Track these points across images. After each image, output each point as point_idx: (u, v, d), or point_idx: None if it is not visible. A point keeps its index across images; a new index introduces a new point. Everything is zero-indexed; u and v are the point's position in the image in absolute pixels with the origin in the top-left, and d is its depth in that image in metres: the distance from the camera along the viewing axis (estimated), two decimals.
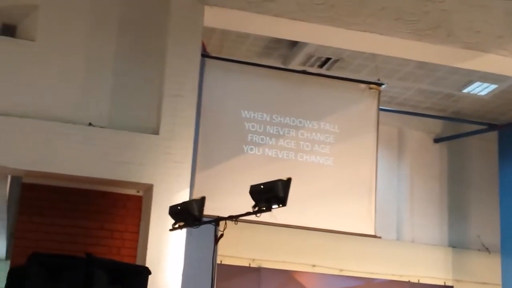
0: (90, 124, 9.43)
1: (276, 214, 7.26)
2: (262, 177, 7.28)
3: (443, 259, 15.31)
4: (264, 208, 6.73)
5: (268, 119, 11.87)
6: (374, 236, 12.46)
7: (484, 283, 15.17)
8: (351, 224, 12.89)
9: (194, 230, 7.70)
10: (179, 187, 9.38)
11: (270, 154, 11.81)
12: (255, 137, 11.71)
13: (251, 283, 13.67)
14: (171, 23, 10.00)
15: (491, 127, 15.12)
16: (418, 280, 14.83)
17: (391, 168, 15.26)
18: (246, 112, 11.70)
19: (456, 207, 15.72)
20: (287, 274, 13.95)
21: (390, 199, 15.13)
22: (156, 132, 9.58)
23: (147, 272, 7.51)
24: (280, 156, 11.93)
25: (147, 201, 9.56)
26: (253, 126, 11.70)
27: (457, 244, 15.54)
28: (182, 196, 9.17)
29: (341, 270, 14.33)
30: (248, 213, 6.88)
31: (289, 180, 6.69)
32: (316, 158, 12.22)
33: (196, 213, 7.29)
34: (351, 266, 14.35)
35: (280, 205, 6.67)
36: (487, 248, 15.44)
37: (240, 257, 13.63)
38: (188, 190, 9.48)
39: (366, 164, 12.50)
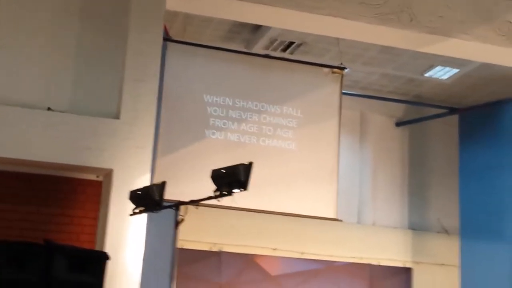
0: (49, 108, 9.33)
1: (237, 198, 7.27)
2: (224, 161, 7.29)
3: (403, 242, 15.45)
4: (226, 193, 6.74)
5: (230, 103, 11.86)
6: (336, 220, 12.57)
7: (443, 265, 15.36)
8: (313, 208, 12.97)
9: (155, 215, 7.69)
10: (140, 172, 9.33)
11: (232, 138, 11.81)
12: (217, 121, 11.71)
13: (212, 268, 13.67)
14: (133, 6, 9.91)
15: (452, 111, 15.27)
16: (378, 263, 14.96)
17: (353, 152, 15.37)
18: (208, 96, 11.68)
19: (416, 190, 15.87)
20: (248, 258, 13.99)
21: (352, 183, 15.23)
22: (117, 116, 9.52)
23: (106, 257, 7.50)
24: (242, 140, 11.94)
25: (107, 186, 9.50)
26: (215, 111, 11.68)
27: (417, 226, 15.70)
28: (143, 181, 9.14)
29: (302, 253, 14.41)
30: (209, 198, 6.88)
31: (250, 164, 6.70)
32: (278, 142, 12.25)
33: (157, 197, 7.29)
34: (312, 249, 14.42)
35: (242, 190, 6.67)
36: (446, 230, 15.62)
37: (201, 242, 13.61)
38: (149, 175, 9.45)
39: (329, 148, 12.56)
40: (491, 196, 14.09)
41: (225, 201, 6.99)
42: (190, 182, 10.71)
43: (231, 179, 6.63)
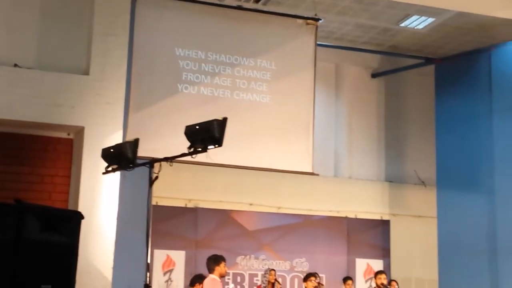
0: (15, 65, 9.17)
1: (212, 154, 7.23)
2: (198, 116, 7.23)
3: (380, 194, 15.59)
4: (200, 149, 6.67)
5: (203, 56, 11.75)
6: (312, 174, 12.61)
7: (420, 216, 15.54)
8: (289, 162, 12.98)
9: (128, 172, 7.63)
10: (112, 129, 9.26)
11: (205, 92, 11.73)
12: (190, 75, 11.60)
13: (188, 224, 13.71)
14: None
15: (428, 61, 15.25)
16: (356, 216, 15.09)
17: (328, 105, 15.36)
18: (180, 50, 11.54)
19: (393, 142, 15.95)
20: (225, 214, 14.04)
21: (328, 136, 15.27)
22: (86, 72, 9.40)
23: (80, 217, 7.45)
24: (216, 94, 11.86)
25: (78, 144, 9.42)
26: (187, 64, 11.56)
27: (394, 178, 15.83)
28: (115, 138, 9.07)
29: (279, 208, 14.49)
30: (183, 155, 6.81)
31: (224, 119, 6.62)
32: (252, 96, 12.19)
33: (130, 155, 7.18)
34: (289, 204, 14.51)
35: (216, 146, 6.61)
36: (423, 182, 15.76)
37: (176, 198, 13.63)
38: (121, 132, 9.38)
39: (304, 101, 12.52)
40: (468, 146, 14.18)
41: (200, 157, 6.94)
42: (164, 138, 10.65)
43: (205, 135, 6.56)
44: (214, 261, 9.03)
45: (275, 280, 12.39)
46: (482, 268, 13.50)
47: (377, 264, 14.80)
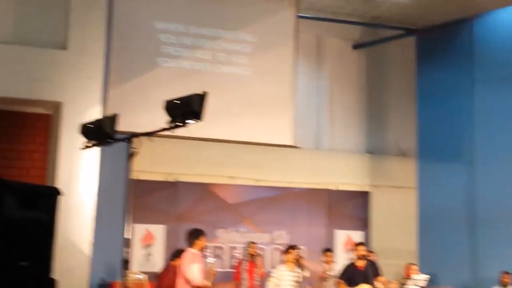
0: None
1: (192, 128, 7.19)
2: (178, 90, 7.18)
3: (361, 166, 15.61)
4: (180, 124, 6.64)
5: (183, 30, 11.65)
6: (293, 147, 12.61)
7: (400, 187, 15.58)
8: (270, 135, 13.01)
9: (107, 148, 7.59)
10: (91, 104, 9.20)
11: (185, 66, 11.66)
12: (170, 49, 11.51)
13: (168, 198, 13.65)
14: None
15: (409, 32, 15.25)
16: (336, 188, 15.09)
17: (310, 77, 15.30)
18: (159, 23, 11.44)
19: (374, 114, 15.95)
20: (205, 187, 13.99)
21: (309, 108, 15.22)
22: (64, 47, 9.29)
23: (58, 193, 7.41)
24: (196, 68, 11.80)
25: (56, 119, 9.34)
26: (167, 38, 11.46)
27: (375, 150, 15.84)
28: (94, 113, 9.01)
29: (259, 181, 14.46)
30: (163, 129, 6.78)
31: (204, 94, 6.59)
32: (233, 69, 12.14)
33: (109, 130, 7.14)
34: (269, 176, 14.48)
35: (196, 120, 6.58)
36: (404, 153, 15.80)
37: (156, 172, 13.54)
38: (100, 107, 9.33)
39: (285, 74, 12.50)
40: (448, 118, 14.25)
41: (180, 131, 6.91)
42: (143, 113, 10.60)
43: (185, 109, 6.53)
44: (194, 235, 9.02)
45: (256, 252, 12.42)
46: (461, 238, 13.65)
47: (357, 236, 14.87)
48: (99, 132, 7.17)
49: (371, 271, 10.05)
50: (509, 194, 13.01)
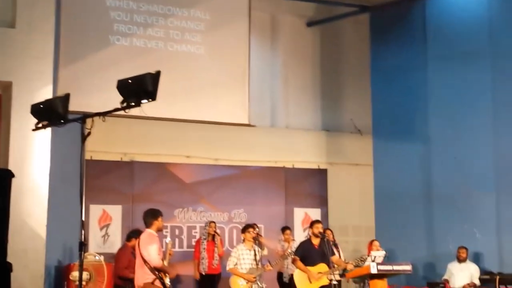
0: None
1: (147, 107, 7.12)
2: (131, 69, 7.10)
3: (317, 143, 15.68)
4: (133, 104, 6.55)
5: (135, 7, 11.51)
6: (248, 125, 12.61)
7: (357, 164, 15.72)
8: (225, 114, 12.97)
9: (60, 128, 7.46)
10: (41, 84, 9.03)
11: (138, 44, 11.53)
12: (122, 26, 11.36)
13: (124, 178, 13.56)
14: None
15: (362, 9, 15.26)
16: (293, 165, 15.16)
17: (264, 55, 15.25)
18: (111, 0, 11.27)
19: (329, 91, 16.01)
20: (161, 167, 13.93)
21: (264, 87, 15.20)
22: (12, 25, 9.09)
23: (10, 175, 7.30)
24: (149, 46, 11.68)
25: (6, 100, 9.17)
26: (119, 15, 11.31)
27: (331, 127, 15.92)
28: (45, 93, 8.86)
29: (216, 160, 14.46)
30: (116, 109, 6.66)
31: (158, 73, 6.50)
32: (187, 47, 12.03)
33: (61, 111, 6.99)
34: (226, 155, 14.49)
35: (150, 100, 6.50)
36: (359, 130, 15.90)
37: (111, 152, 13.43)
38: (51, 86, 9.16)
39: (239, 52, 12.44)
40: (403, 95, 14.33)
41: (134, 111, 6.82)
42: (96, 92, 10.48)
43: (139, 89, 6.42)
44: (151, 215, 8.95)
45: (215, 232, 12.41)
46: (418, 214, 13.80)
47: (315, 213, 14.96)
48: (51, 113, 7.03)
49: (327, 249, 10.11)
50: (464, 170, 13.17)
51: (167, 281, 8.83)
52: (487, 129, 12.95)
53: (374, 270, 9.58)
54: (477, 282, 11.51)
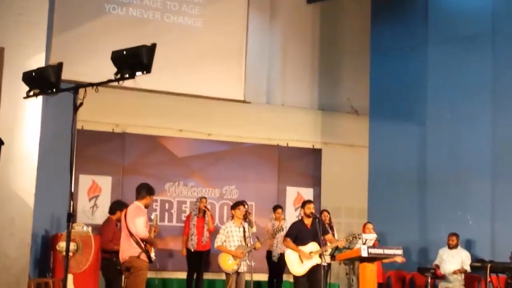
0: None
1: (141, 79, 7.11)
2: (126, 39, 7.13)
3: (313, 122, 15.69)
4: (127, 76, 6.55)
5: None
6: (244, 102, 12.60)
7: (352, 145, 15.74)
8: (221, 89, 12.95)
9: (51, 97, 7.47)
10: (34, 51, 8.97)
11: (134, 14, 11.49)
12: None
13: (115, 149, 13.57)
14: None
15: None
16: (287, 144, 15.18)
17: (262, 30, 15.19)
18: None
19: (327, 70, 15.99)
20: (153, 140, 13.94)
21: (261, 63, 15.17)
22: None
23: (0, 142, 7.31)
24: (145, 16, 11.63)
25: None
26: None
27: (327, 107, 15.92)
28: (38, 61, 8.80)
29: (209, 135, 14.47)
30: (109, 81, 6.65)
31: (153, 45, 6.49)
32: (184, 19, 11.99)
33: (53, 80, 6.98)
34: (219, 131, 14.49)
35: (144, 72, 6.50)
36: (356, 111, 15.91)
37: (103, 122, 13.44)
38: (43, 54, 9.10)
39: (237, 26, 12.41)
40: (402, 76, 14.33)
41: (128, 82, 6.83)
42: (90, 62, 10.46)
43: (133, 61, 6.41)
44: (147, 190, 9.04)
45: (206, 207, 12.45)
46: (411, 199, 13.85)
47: (308, 193, 15.01)
48: (43, 81, 7.02)
49: (320, 229, 10.17)
50: (460, 156, 13.21)
51: (153, 254, 8.91)
52: (486, 115, 12.97)
53: (364, 253, 9.63)
54: (468, 269, 11.59)
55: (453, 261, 11.78)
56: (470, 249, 12.41)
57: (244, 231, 10.71)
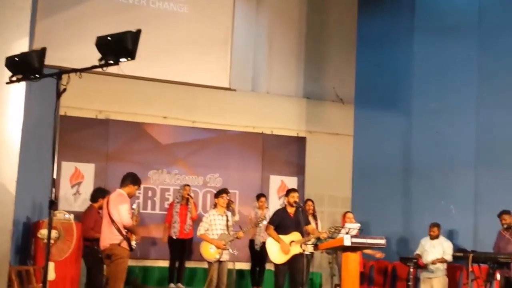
0: None
1: (125, 66, 7.09)
2: (111, 25, 7.09)
3: (298, 110, 15.71)
4: (112, 62, 6.54)
5: None
6: (229, 89, 12.58)
7: (337, 134, 15.77)
8: (206, 76, 12.93)
9: (34, 83, 7.43)
10: (17, 36, 8.89)
11: None
12: None
13: (98, 136, 13.54)
14: None
15: None
16: (272, 132, 15.20)
17: (249, 17, 15.17)
18: None
19: (313, 58, 16.00)
20: (137, 126, 13.91)
21: (247, 50, 15.16)
22: None
23: None
24: (130, 2, 11.59)
25: None
26: None
27: (312, 95, 15.94)
28: (21, 46, 8.73)
29: (193, 122, 14.46)
30: (93, 67, 6.63)
31: (138, 31, 6.47)
32: (169, 5, 11.95)
33: (36, 65, 6.97)
34: (204, 118, 14.49)
35: (129, 58, 6.49)
36: (341, 99, 15.94)
37: (86, 109, 13.41)
38: (27, 39, 9.04)
39: (223, 13, 12.38)
40: (387, 66, 14.35)
41: (112, 68, 6.81)
42: (74, 47, 10.41)
43: (118, 47, 6.40)
44: (133, 179, 9.01)
45: (189, 195, 12.45)
46: (394, 188, 13.90)
47: (291, 181, 15.04)
48: (26, 67, 7.00)
49: (302, 218, 10.20)
50: (445, 146, 13.25)
51: (133, 243, 8.90)
52: (471, 106, 13.02)
53: (347, 243, 9.66)
54: (449, 259, 11.65)
55: (435, 251, 11.83)
56: (452, 239, 12.47)
57: (227, 220, 10.72)
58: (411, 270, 11.67)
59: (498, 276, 10.84)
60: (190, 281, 12.87)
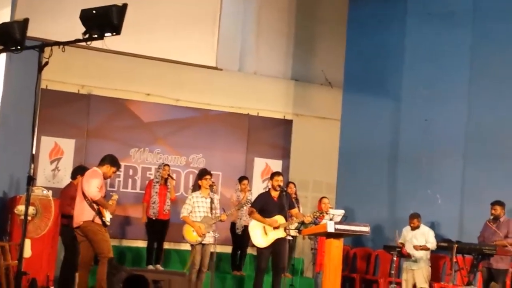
0: None
1: (109, 40, 7.09)
2: None
3: (285, 93, 15.72)
4: (96, 36, 6.53)
5: None
6: (215, 69, 12.55)
7: (324, 118, 15.79)
8: (192, 55, 12.90)
9: (15, 55, 7.41)
10: None
11: None
12: None
13: (79, 111, 13.47)
14: None
15: None
16: (258, 113, 15.20)
17: None
18: None
19: (303, 40, 15.99)
20: (119, 103, 13.87)
21: (235, 29, 15.11)
22: None
23: None
24: None
25: None
26: None
27: (301, 77, 15.94)
28: (2, 15, 8.72)
29: (177, 100, 14.43)
30: (77, 40, 6.62)
31: (124, 6, 6.46)
32: None
33: (18, 36, 6.94)
34: (188, 97, 14.45)
35: (114, 34, 6.48)
36: (330, 83, 15.96)
37: (68, 83, 13.35)
38: (9, 8, 9.02)
39: None
40: (378, 51, 14.34)
41: (96, 43, 6.80)
42: (57, 19, 10.36)
43: (103, 21, 6.39)
44: (112, 161, 9.13)
45: (169, 175, 12.44)
46: (381, 175, 13.95)
47: (276, 165, 15.09)
48: (7, 37, 6.96)
49: (286, 202, 10.25)
50: (434, 134, 13.27)
51: (108, 218, 8.97)
52: (462, 94, 13.02)
53: (331, 229, 9.70)
54: (430, 247, 11.70)
55: (417, 242, 11.86)
56: (437, 228, 12.54)
57: (211, 202, 10.69)
58: (395, 259, 11.74)
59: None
60: (167, 262, 12.89)
